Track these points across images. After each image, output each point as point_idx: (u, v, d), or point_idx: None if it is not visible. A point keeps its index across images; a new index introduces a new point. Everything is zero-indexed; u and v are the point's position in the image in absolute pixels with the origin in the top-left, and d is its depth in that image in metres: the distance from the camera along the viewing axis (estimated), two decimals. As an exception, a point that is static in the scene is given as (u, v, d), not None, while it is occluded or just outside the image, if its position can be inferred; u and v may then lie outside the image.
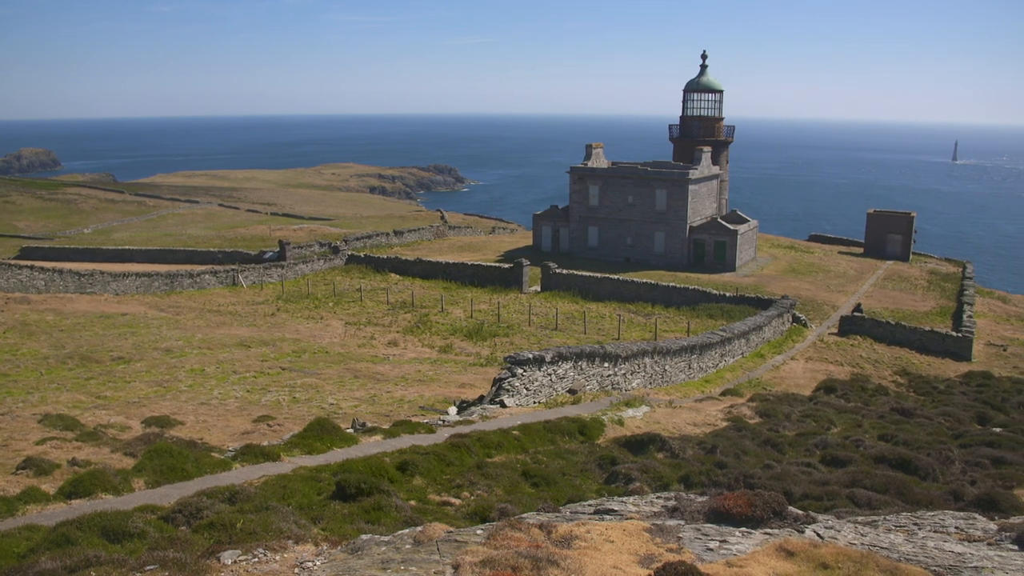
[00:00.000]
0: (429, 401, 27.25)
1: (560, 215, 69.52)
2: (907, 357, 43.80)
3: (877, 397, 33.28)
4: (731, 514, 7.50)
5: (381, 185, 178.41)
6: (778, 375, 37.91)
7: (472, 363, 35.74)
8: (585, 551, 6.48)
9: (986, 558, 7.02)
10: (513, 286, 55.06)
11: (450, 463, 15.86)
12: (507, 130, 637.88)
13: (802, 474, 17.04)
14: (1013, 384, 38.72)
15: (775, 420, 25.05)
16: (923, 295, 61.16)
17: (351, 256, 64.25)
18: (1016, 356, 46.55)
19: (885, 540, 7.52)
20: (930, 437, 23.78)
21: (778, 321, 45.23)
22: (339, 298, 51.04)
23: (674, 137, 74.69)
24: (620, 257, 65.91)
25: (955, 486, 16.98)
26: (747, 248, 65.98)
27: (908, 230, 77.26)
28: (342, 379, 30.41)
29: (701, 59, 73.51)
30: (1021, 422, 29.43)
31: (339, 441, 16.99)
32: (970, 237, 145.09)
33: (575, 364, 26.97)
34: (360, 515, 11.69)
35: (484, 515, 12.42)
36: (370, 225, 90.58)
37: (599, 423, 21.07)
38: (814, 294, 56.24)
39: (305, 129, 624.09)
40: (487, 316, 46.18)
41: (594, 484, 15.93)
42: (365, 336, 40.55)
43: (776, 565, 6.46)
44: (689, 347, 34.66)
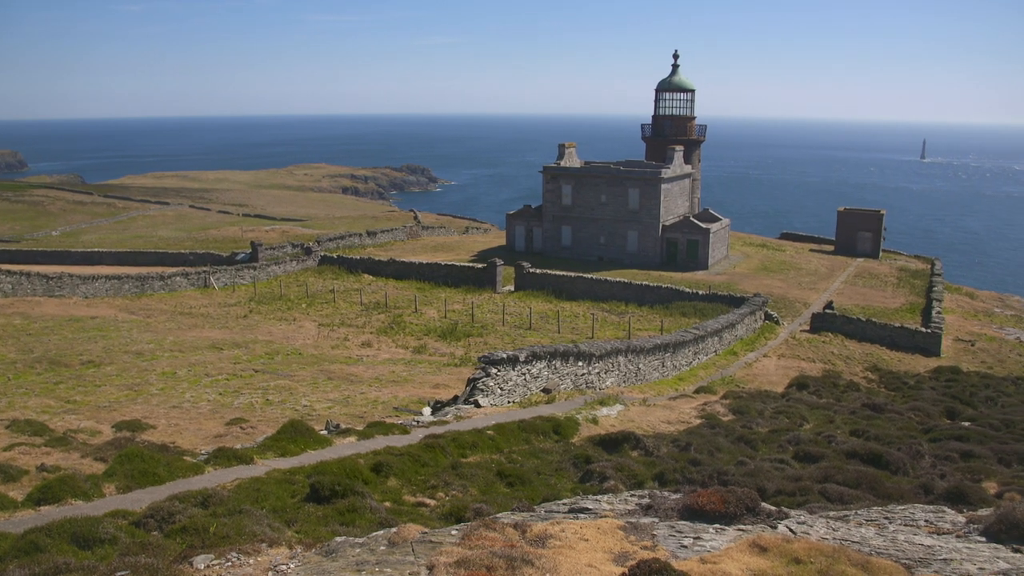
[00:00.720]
0: (403, 402, 27.17)
1: (533, 215, 69.57)
2: (878, 353, 44.27)
3: (848, 393, 33.61)
4: (705, 511, 7.54)
5: (354, 186, 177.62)
6: (751, 372, 38.18)
7: (446, 363, 35.69)
8: (560, 550, 6.49)
9: (955, 550, 7.11)
10: (487, 286, 55.04)
11: (425, 464, 15.83)
12: (480, 130, 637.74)
13: (775, 470, 17.16)
14: (981, 379, 39.26)
15: (748, 417, 25.21)
16: (893, 292, 61.84)
17: (324, 257, 63.95)
18: (984, 351, 47.20)
19: (856, 534, 7.60)
20: (900, 432, 24.04)
21: (750, 319, 45.55)
22: (312, 299, 50.78)
23: (646, 136, 74.97)
24: (593, 256, 66.09)
25: (925, 480, 17.18)
26: (719, 246, 66.38)
27: (878, 228, 78.08)
28: (315, 381, 30.25)
29: (673, 59, 73.86)
30: (989, 416, 29.84)
31: (313, 443, 16.90)
32: (938, 234, 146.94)
33: (549, 363, 27.00)
34: (334, 517, 11.63)
35: (459, 515, 12.40)
36: (343, 226, 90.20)
37: (573, 422, 21.10)
38: (786, 292, 56.68)
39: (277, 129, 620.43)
40: (461, 316, 46.14)
41: (569, 483, 15.95)
42: (338, 337, 40.38)
43: (749, 561, 6.50)
44: (663, 345, 34.81)
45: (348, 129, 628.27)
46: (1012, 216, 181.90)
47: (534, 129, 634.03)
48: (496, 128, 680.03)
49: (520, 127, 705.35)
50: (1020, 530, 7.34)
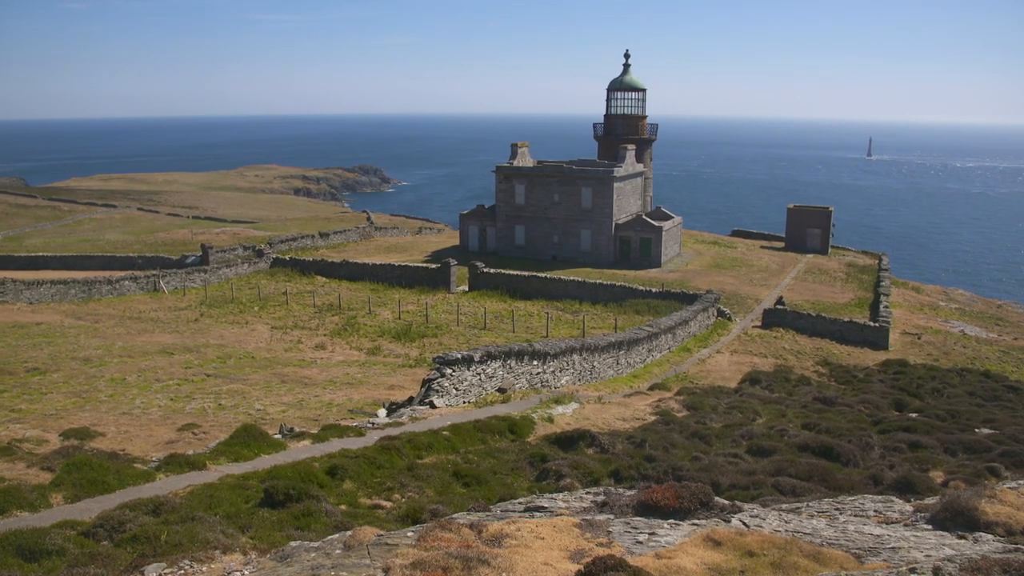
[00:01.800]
0: (358, 404, 27.00)
1: (487, 214, 69.56)
2: (828, 347, 45.00)
3: (800, 387, 34.10)
4: (659, 506, 7.61)
5: (306, 187, 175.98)
6: (704, 368, 38.57)
7: (401, 364, 35.54)
8: (516, 549, 6.50)
9: (903, 539, 7.25)
10: (441, 286, 54.94)
11: (380, 466, 15.75)
12: (432, 130, 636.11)
13: (729, 465, 17.37)
14: (927, 371, 40.10)
15: (702, 413, 25.46)
16: (842, 287, 62.90)
17: (276, 259, 63.31)
18: (930, 344, 48.21)
19: (808, 526, 7.71)
20: (851, 424, 24.47)
21: (703, 315, 46.02)
22: (264, 302, 50.24)
23: (599, 136, 75.38)
24: (547, 255, 66.28)
25: (875, 471, 17.50)
26: (672, 244, 66.97)
27: (827, 224, 79.36)
28: (269, 384, 29.94)
29: (624, 58, 74.32)
30: (935, 407, 30.50)
31: (267, 447, 16.73)
32: (885, 230, 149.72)
33: (504, 363, 27.02)
34: (289, 522, 11.53)
35: (416, 517, 12.37)
36: (295, 227, 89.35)
37: (529, 421, 21.15)
38: (738, 288, 57.35)
39: (226, 130, 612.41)
40: (415, 317, 45.98)
41: (525, 482, 15.98)
42: (292, 340, 40.00)
43: (704, 555, 6.56)
44: (617, 343, 35.03)
45: (299, 130, 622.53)
46: (954, 211, 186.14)
47: (487, 129, 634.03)
48: (449, 128, 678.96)
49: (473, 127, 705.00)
50: (964, 517, 7.51)
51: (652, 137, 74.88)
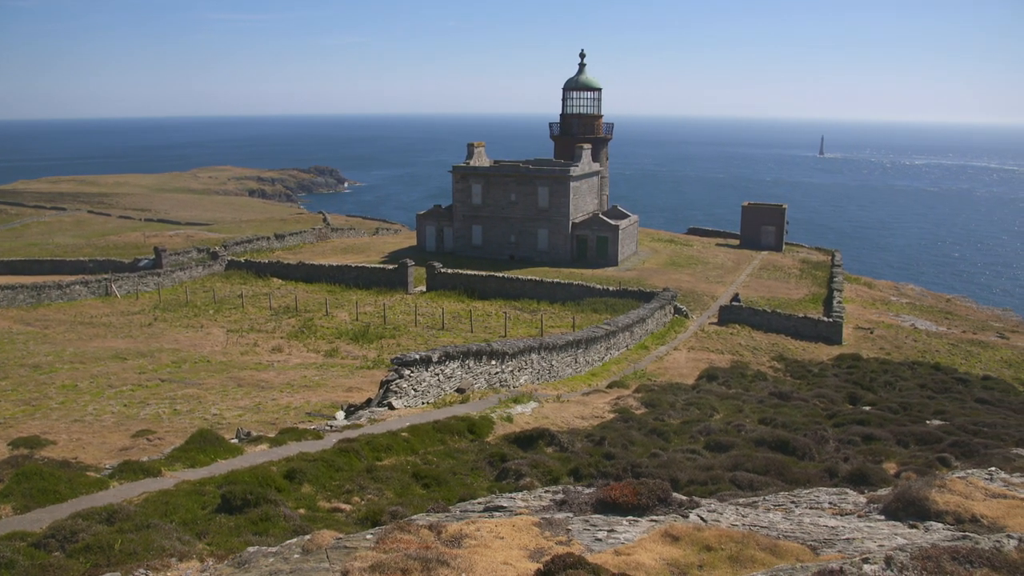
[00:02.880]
0: (316, 407, 26.81)
1: (444, 214, 69.42)
2: (783, 343, 45.58)
3: (756, 383, 34.48)
4: (618, 504, 7.66)
5: (261, 188, 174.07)
6: (662, 365, 38.85)
7: (359, 366, 35.34)
8: (475, 549, 6.50)
9: (857, 529, 7.37)
10: (398, 287, 54.72)
11: (339, 469, 15.65)
12: (389, 130, 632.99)
13: (687, 460, 17.51)
14: (880, 365, 40.80)
15: (660, 409, 25.64)
16: (796, 283, 63.75)
17: (231, 261, 62.59)
18: (882, 338, 49.06)
19: (765, 519, 7.81)
20: (806, 418, 24.80)
21: (660, 313, 46.35)
22: (220, 305, 49.64)
23: (555, 135, 75.56)
24: (504, 255, 66.31)
25: (830, 464, 17.76)
26: (628, 242, 67.36)
27: (781, 221, 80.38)
28: (225, 388, 29.60)
29: (580, 57, 74.59)
30: (888, 400, 31.05)
31: (223, 452, 16.53)
32: (838, 226, 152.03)
33: (462, 363, 26.99)
34: (247, 527, 11.42)
35: (375, 519, 12.31)
36: (250, 229, 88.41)
37: (488, 421, 21.15)
38: (694, 285, 57.86)
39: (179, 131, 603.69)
40: (373, 318, 45.75)
41: (485, 482, 15.97)
42: (248, 343, 39.58)
43: (662, 551, 6.62)
44: (575, 342, 35.15)
45: (254, 130, 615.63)
46: (904, 207, 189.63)
47: (443, 128, 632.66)
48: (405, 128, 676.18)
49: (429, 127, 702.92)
50: (916, 507, 7.66)
51: (608, 136, 75.24)
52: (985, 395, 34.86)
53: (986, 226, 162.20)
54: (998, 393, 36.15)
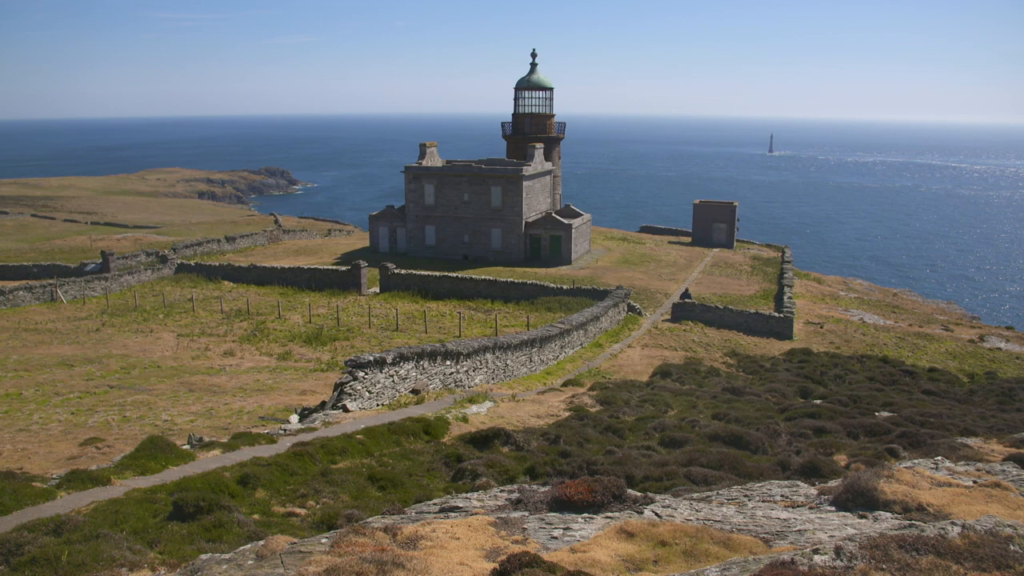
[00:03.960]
0: (269, 411, 26.53)
1: (396, 215, 69.12)
2: (735, 339, 46.10)
3: (710, 378, 34.83)
4: (573, 501, 7.69)
5: (210, 190, 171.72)
6: (616, 363, 39.08)
7: (313, 369, 35.05)
8: (431, 550, 6.48)
9: (808, 521, 7.49)
10: (352, 288, 54.36)
11: (293, 473, 15.50)
12: (341, 130, 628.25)
13: (642, 457, 17.62)
14: (830, 358, 41.49)
15: (615, 407, 25.79)
16: (747, 279, 64.55)
17: (181, 265, 61.67)
18: (832, 332, 49.87)
19: (718, 513, 7.89)
20: (759, 413, 25.12)
21: (614, 311, 46.62)
22: (170, 309, 48.88)
23: (507, 135, 75.68)
24: (458, 255, 66.23)
25: (782, 457, 18.01)
26: (582, 241, 67.66)
27: (731, 219, 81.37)
28: (176, 394, 29.16)
29: (531, 57, 74.77)
30: (838, 393, 31.57)
31: (175, 459, 16.28)
32: (787, 223, 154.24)
33: (417, 364, 26.90)
34: (200, 534, 11.26)
35: (331, 523, 12.23)
36: (200, 232, 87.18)
37: (444, 421, 21.09)
38: (647, 283, 58.31)
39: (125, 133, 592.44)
40: (326, 320, 45.39)
41: (441, 483, 15.93)
42: (199, 347, 39.04)
43: (618, 547, 6.66)
44: (529, 341, 35.22)
45: (203, 131, 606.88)
46: (852, 204, 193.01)
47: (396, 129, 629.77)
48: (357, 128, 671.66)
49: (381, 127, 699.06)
50: (865, 497, 7.80)
51: (560, 135, 75.54)
52: (931, 386, 35.64)
53: (931, 222, 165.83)
54: (943, 384, 36.99)
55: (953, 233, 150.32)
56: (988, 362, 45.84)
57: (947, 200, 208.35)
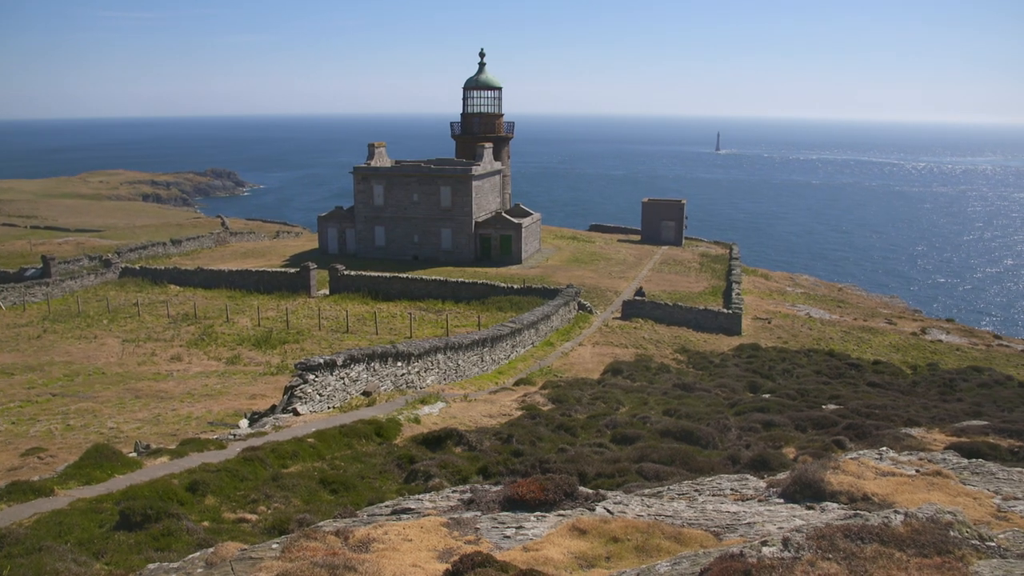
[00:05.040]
0: (218, 416, 26.18)
1: (345, 216, 68.62)
2: (685, 335, 46.57)
3: (660, 375, 35.14)
4: (525, 500, 7.70)
5: (155, 192, 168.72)
6: (568, 361, 39.24)
7: (262, 372, 34.66)
8: (383, 553, 6.45)
9: (758, 514, 7.59)
10: (301, 291, 53.85)
11: (244, 478, 15.32)
12: (289, 131, 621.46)
13: (595, 454, 17.72)
14: (778, 353, 42.11)
15: (567, 405, 25.90)
16: (696, 277, 65.24)
17: (125, 269, 60.52)
18: (779, 327, 50.63)
19: (669, 508, 7.97)
20: (709, 408, 25.41)
21: (565, 309, 46.81)
22: (114, 314, 47.94)
23: (456, 134, 75.57)
24: (408, 255, 65.96)
25: (732, 451, 18.24)
26: (532, 240, 67.82)
27: (680, 216, 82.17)
28: (122, 401, 28.63)
29: (479, 57, 74.74)
30: (786, 387, 32.07)
31: (121, 467, 15.99)
32: (735, 220, 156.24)
33: (368, 366, 26.75)
34: (148, 543, 11.09)
35: (282, 528, 12.11)
36: (145, 235, 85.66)
37: (396, 423, 21.01)
38: (597, 281, 58.62)
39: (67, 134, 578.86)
40: (275, 323, 44.90)
41: (394, 485, 15.87)
42: (145, 353, 38.37)
43: (570, 544, 6.69)
44: (481, 340, 35.21)
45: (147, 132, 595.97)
46: (798, 201, 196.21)
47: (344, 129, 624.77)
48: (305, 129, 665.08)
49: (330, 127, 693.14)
50: (812, 489, 7.93)
51: (509, 135, 75.63)
52: (876, 379, 36.39)
53: (873, 217, 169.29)
54: (888, 376, 37.79)
55: (894, 229, 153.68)
56: (930, 354, 46.93)
57: (889, 196, 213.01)
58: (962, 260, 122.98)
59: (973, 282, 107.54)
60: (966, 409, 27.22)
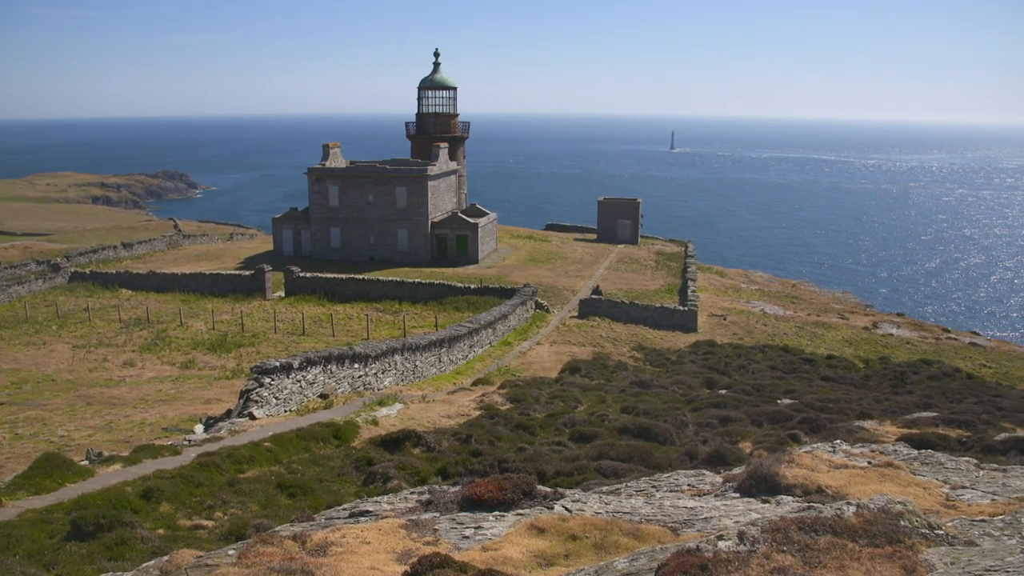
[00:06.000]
0: (173, 421, 25.81)
1: (300, 217, 68.04)
2: (642, 333, 46.87)
3: (618, 373, 35.33)
4: (483, 500, 7.70)
5: (105, 195, 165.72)
6: (526, 360, 39.30)
7: (217, 377, 34.24)
8: (341, 556, 6.40)
9: (714, 508, 7.67)
10: (256, 293, 53.28)
11: (199, 484, 15.12)
12: (242, 132, 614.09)
13: (553, 453, 17.78)
14: (734, 349, 42.57)
15: (526, 404, 25.94)
16: (652, 274, 65.71)
17: (75, 273, 59.40)
18: (735, 324, 51.18)
19: (627, 505, 8.01)
20: (666, 405, 25.61)
21: (522, 309, 46.87)
22: (64, 320, 47.03)
23: (411, 134, 75.30)
24: (364, 256, 65.58)
25: (690, 447, 18.41)
26: (488, 240, 67.81)
27: (635, 215, 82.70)
28: (73, 408, 28.10)
29: (434, 57, 74.54)
30: (742, 383, 32.43)
31: (72, 476, 15.70)
32: (690, 218, 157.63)
33: (325, 368, 26.55)
34: (101, 553, 10.90)
35: (239, 534, 11.99)
36: (95, 239, 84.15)
37: (353, 425, 20.88)
38: (554, 280, 58.78)
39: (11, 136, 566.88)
40: (230, 326, 44.38)
41: (352, 487, 15.78)
42: (97, 359, 37.69)
43: (529, 543, 6.70)
44: (438, 341, 35.13)
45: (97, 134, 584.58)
46: (750, 199, 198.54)
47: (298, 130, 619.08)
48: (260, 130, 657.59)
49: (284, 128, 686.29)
50: (767, 483, 8.03)
51: (464, 135, 75.54)
52: (830, 373, 36.97)
53: (826, 214, 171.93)
54: (841, 371, 38.41)
55: (847, 224, 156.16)
56: (881, 348, 47.79)
57: (841, 193, 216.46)
58: (909, 255, 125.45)
59: (921, 276, 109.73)
60: (916, 401, 27.78)
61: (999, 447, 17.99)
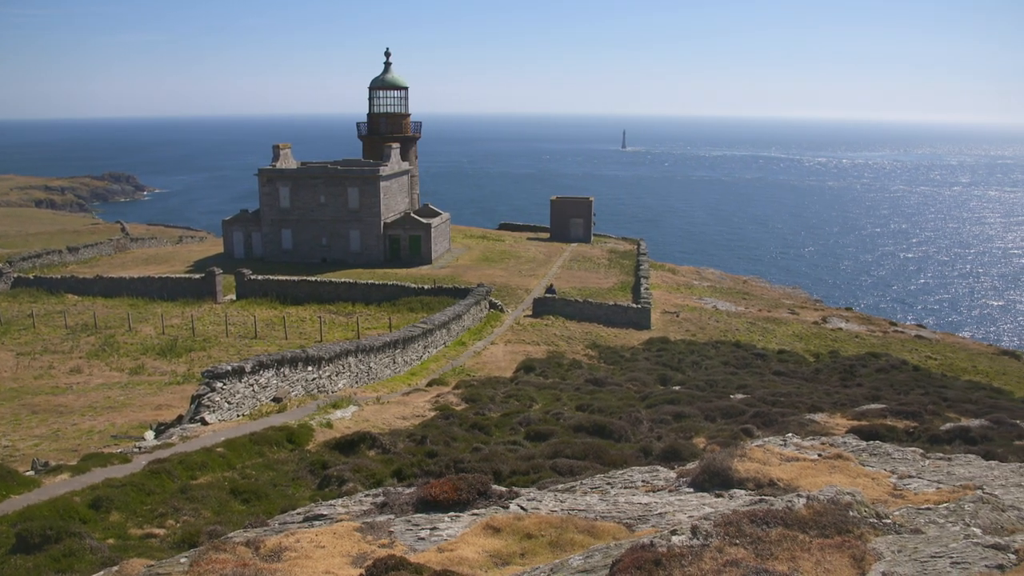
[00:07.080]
0: (122, 429, 25.36)
1: (251, 219, 67.26)
2: (596, 331, 47.11)
3: (572, 371, 35.49)
4: (438, 501, 7.68)
5: (49, 198, 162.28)
6: (480, 360, 39.29)
7: (168, 382, 33.71)
8: (296, 561, 6.34)
9: (669, 504, 7.73)
10: (206, 297, 52.56)
11: (150, 492, 14.89)
12: (191, 133, 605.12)
13: (509, 452, 17.80)
14: (687, 346, 42.99)
15: (481, 404, 25.94)
16: (605, 273, 66.08)
17: (18, 279, 58.06)
18: (687, 321, 51.67)
19: (583, 503, 8.05)
20: (621, 402, 25.78)
21: (476, 309, 46.85)
22: (7, 327, 45.94)
23: (363, 135, 74.87)
24: (317, 258, 65.05)
25: (644, 443, 18.55)
26: (441, 240, 67.67)
27: (588, 213, 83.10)
28: (17, 417, 27.47)
29: (385, 56, 74.18)
30: (695, 379, 32.77)
31: (17, 487, 15.35)
32: (642, 216, 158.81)
33: (278, 371, 26.29)
34: (48, 566, 10.68)
35: (192, 541, 11.83)
36: (39, 243, 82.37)
37: (308, 428, 20.70)
38: (508, 280, 58.84)
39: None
40: (181, 331, 43.71)
41: (307, 491, 15.64)
42: (42, 366, 36.89)
43: (485, 543, 6.70)
44: (392, 342, 34.97)
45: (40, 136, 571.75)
46: (701, 196, 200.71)
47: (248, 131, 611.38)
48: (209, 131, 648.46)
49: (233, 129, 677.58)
50: (720, 477, 8.12)
51: (416, 135, 75.30)
52: (781, 367, 37.51)
53: (774, 211, 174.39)
54: (792, 365, 38.99)
55: (795, 221, 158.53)
56: (831, 342, 48.60)
57: (789, 190, 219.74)
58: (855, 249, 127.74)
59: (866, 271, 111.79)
60: (865, 394, 28.32)
61: (944, 437, 18.41)
